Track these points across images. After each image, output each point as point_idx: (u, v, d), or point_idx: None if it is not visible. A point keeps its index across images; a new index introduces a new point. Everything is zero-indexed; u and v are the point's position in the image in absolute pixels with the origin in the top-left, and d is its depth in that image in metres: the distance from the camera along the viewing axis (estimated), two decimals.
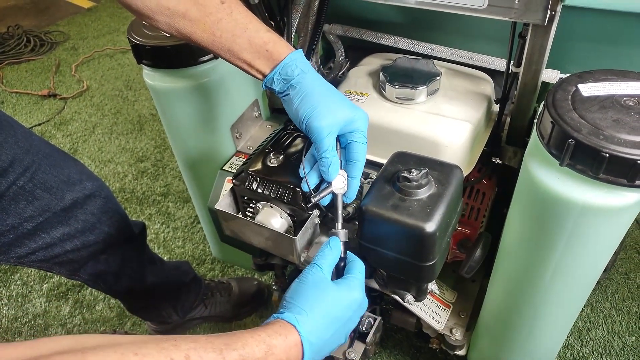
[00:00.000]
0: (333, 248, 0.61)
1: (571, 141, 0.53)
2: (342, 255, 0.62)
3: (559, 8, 0.58)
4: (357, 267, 0.61)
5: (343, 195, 0.65)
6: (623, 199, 0.55)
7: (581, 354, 1.14)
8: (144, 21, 0.65)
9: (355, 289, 0.58)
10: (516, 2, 0.57)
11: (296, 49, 0.94)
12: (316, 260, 0.59)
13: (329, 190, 0.64)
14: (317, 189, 0.66)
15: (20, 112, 2.17)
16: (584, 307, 1.23)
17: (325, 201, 0.65)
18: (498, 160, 0.86)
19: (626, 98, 0.57)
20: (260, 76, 0.65)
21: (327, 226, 0.68)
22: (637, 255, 1.35)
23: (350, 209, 0.72)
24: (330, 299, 0.56)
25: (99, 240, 0.90)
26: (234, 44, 0.63)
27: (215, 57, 0.83)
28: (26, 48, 2.61)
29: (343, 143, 0.65)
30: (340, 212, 0.64)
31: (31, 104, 2.23)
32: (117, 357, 0.42)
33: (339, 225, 0.64)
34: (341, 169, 0.64)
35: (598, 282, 1.24)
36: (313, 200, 0.64)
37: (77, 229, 0.85)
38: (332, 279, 0.59)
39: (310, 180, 0.65)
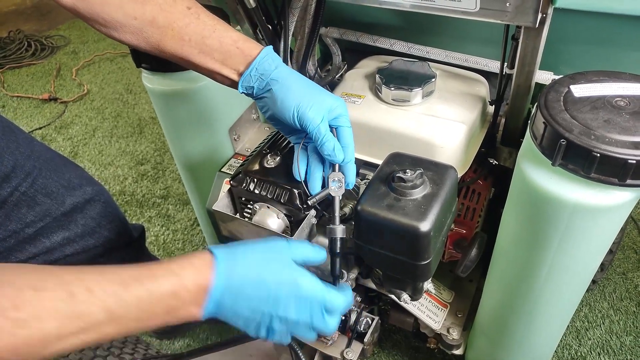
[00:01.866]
0: (317, 249, 0.58)
1: (563, 141, 0.54)
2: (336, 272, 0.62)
3: (549, 10, 0.59)
4: (339, 292, 0.57)
5: (339, 197, 0.65)
6: (614, 198, 0.56)
7: (579, 354, 1.14)
8: (110, 36, 0.64)
9: (307, 277, 0.54)
10: (507, 5, 0.58)
11: (292, 52, 0.95)
12: (291, 240, 0.57)
13: (325, 192, 0.64)
14: (323, 184, 0.66)
15: (21, 116, 2.18)
16: (582, 306, 1.24)
17: (316, 187, 0.65)
18: (494, 161, 0.87)
19: (617, 99, 0.58)
20: (235, 76, 0.64)
21: (323, 227, 0.69)
22: (634, 255, 1.35)
23: (347, 210, 0.72)
24: (272, 261, 0.52)
25: (98, 245, 0.90)
26: (204, 45, 0.62)
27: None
28: (27, 52, 2.62)
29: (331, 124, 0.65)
30: (337, 213, 0.65)
31: (32, 107, 2.24)
32: (13, 293, 0.41)
33: (337, 224, 0.64)
34: (335, 171, 0.65)
35: (596, 282, 1.25)
36: (310, 203, 0.65)
37: (77, 233, 0.85)
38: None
39: (313, 182, 0.65)
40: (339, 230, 0.64)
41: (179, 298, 0.48)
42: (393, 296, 0.78)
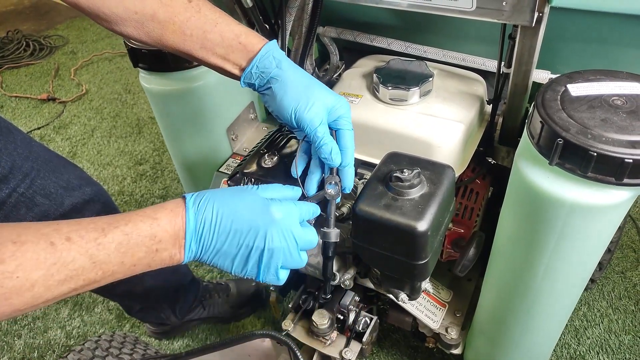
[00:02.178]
0: (288, 187, 0.59)
1: (560, 140, 0.54)
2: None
3: (546, 10, 0.59)
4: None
5: (336, 199, 0.65)
6: (611, 197, 0.56)
7: (578, 353, 1.15)
8: (113, 30, 0.63)
9: (276, 203, 0.54)
10: (504, 4, 0.58)
11: (291, 51, 0.95)
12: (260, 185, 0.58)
13: (320, 194, 0.64)
14: (321, 186, 0.66)
15: (19, 116, 2.18)
16: (581, 305, 1.24)
17: (308, 189, 0.65)
18: (492, 160, 0.87)
19: (614, 98, 0.58)
20: (237, 71, 0.63)
21: (320, 226, 0.69)
22: (633, 254, 1.35)
23: (344, 209, 0.72)
24: (243, 196, 0.53)
25: None
26: (206, 40, 0.61)
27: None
28: (25, 52, 2.62)
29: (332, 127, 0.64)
30: (332, 217, 0.64)
31: (30, 107, 2.24)
32: None
33: (331, 227, 0.64)
34: (332, 174, 0.64)
35: (594, 281, 1.25)
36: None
37: None
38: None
39: (310, 183, 0.65)
40: (333, 234, 0.64)
41: (157, 240, 0.49)
42: (391, 296, 0.78)
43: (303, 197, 0.66)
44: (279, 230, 0.53)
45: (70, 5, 0.61)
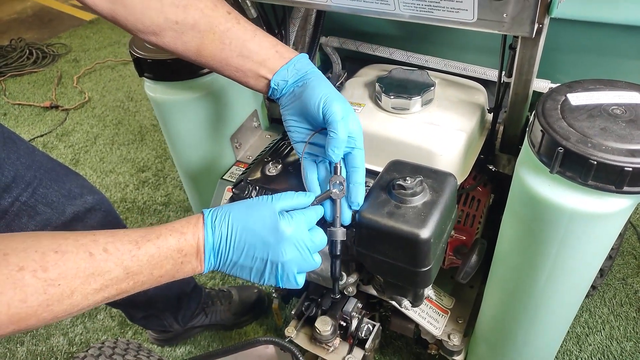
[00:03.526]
0: (301, 194, 0.61)
1: (560, 149, 0.55)
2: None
3: (546, 21, 0.60)
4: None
5: (341, 199, 0.66)
6: (612, 204, 0.56)
7: (579, 359, 1.15)
8: (147, 40, 0.66)
9: (284, 220, 0.57)
10: (504, 15, 0.59)
11: None
12: (274, 194, 0.60)
13: (326, 194, 0.65)
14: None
15: (22, 124, 2.20)
16: (582, 312, 1.24)
17: (327, 214, 0.66)
18: (493, 168, 0.88)
19: (614, 107, 0.59)
20: (270, 74, 0.66)
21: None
22: (634, 261, 1.36)
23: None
24: (255, 211, 0.56)
25: None
26: (244, 48, 0.65)
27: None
28: (28, 60, 2.64)
29: (344, 152, 0.65)
30: (339, 217, 0.65)
31: (33, 115, 2.25)
32: (38, 256, 0.45)
33: (337, 226, 0.65)
34: (337, 174, 0.65)
35: (595, 288, 1.25)
36: (311, 205, 0.65)
37: None
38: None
39: (311, 181, 0.66)
40: (340, 233, 0.64)
41: (183, 253, 0.54)
42: (394, 302, 0.79)
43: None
44: (290, 244, 0.57)
45: (106, 18, 0.64)
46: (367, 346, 0.84)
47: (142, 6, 0.62)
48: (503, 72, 0.76)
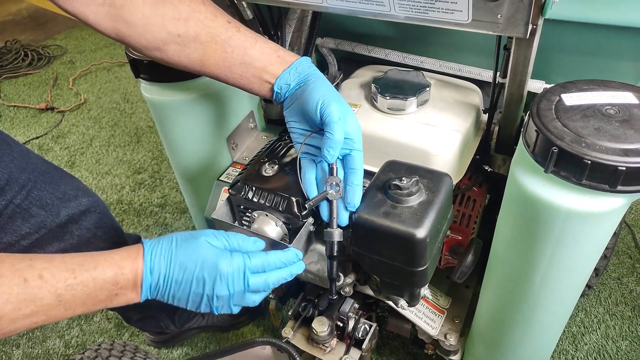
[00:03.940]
0: (252, 241, 0.62)
1: (555, 149, 0.55)
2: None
3: (540, 22, 0.60)
4: (261, 257, 0.60)
5: (337, 200, 0.66)
6: (606, 204, 0.57)
7: (575, 359, 1.15)
8: (151, 56, 0.67)
9: (224, 258, 0.57)
10: (499, 16, 0.60)
11: None
12: (225, 232, 0.61)
13: (322, 196, 0.65)
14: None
15: (18, 126, 2.19)
16: (578, 311, 1.24)
17: (324, 214, 0.66)
18: (488, 169, 0.89)
19: (607, 107, 0.60)
20: (272, 79, 0.67)
21: (321, 234, 0.70)
22: (629, 260, 1.36)
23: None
24: (194, 249, 0.57)
25: None
26: (247, 55, 0.66)
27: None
28: (24, 62, 2.63)
29: (341, 154, 0.66)
30: (335, 218, 0.65)
31: (29, 117, 2.25)
32: None
33: (334, 227, 0.65)
34: (333, 175, 0.65)
35: (591, 287, 1.26)
36: (307, 206, 0.66)
37: (72, 244, 0.85)
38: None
39: (308, 184, 0.66)
40: (336, 233, 0.65)
41: (119, 286, 0.54)
42: (391, 302, 0.79)
43: (305, 200, 0.67)
44: (223, 283, 0.57)
45: (110, 36, 0.65)
46: (364, 346, 0.84)
47: (144, 22, 0.63)
48: (498, 73, 0.76)
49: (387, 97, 0.81)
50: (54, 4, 0.62)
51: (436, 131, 0.79)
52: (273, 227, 0.71)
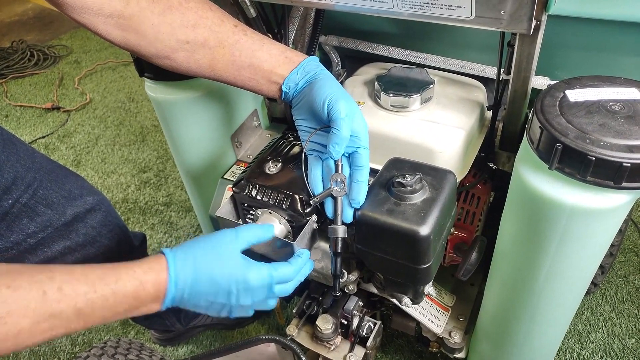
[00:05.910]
0: (264, 229, 0.63)
1: (559, 145, 0.55)
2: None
3: (543, 18, 0.60)
4: (285, 267, 0.61)
5: (342, 197, 0.66)
6: (610, 200, 0.57)
7: (581, 357, 1.15)
8: (160, 64, 0.68)
9: (253, 271, 0.58)
10: (502, 12, 0.59)
11: None
12: (239, 227, 0.61)
13: (327, 192, 0.65)
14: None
15: (24, 125, 2.20)
16: (584, 309, 1.24)
17: (329, 211, 0.67)
18: (493, 166, 0.88)
19: (612, 103, 0.59)
20: (281, 79, 0.68)
21: (325, 231, 0.70)
22: (635, 258, 1.35)
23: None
24: (220, 260, 0.57)
25: (99, 254, 0.91)
26: (254, 57, 0.67)
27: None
28: (30, 62, 2.65)
29: (347, 151, 0.66)
30: (339, 214, 0.65)
31: (35, 117, 2.26)
32: None
33: (338, 224, 0.65)
34: (338, 172, 0.66)
35: (597, 285, 1.25)
36: (312, 202, 0.66)
37: (77, 243, 0.86)
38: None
39: (314, 181, 0.67)
40: (341, 230, 0.65)
41: (140, 300, 0.54)
42: (395, 300, 0.79)
43: (310, 197, 0.67)
44: (249, 293, 0.59)
45: (119, 45, 0.66)
46: (368, 344, 0.84)
47: (153, 31, 0.64)
48: (502, 70, 0.76)
49: (391, 95, 0.81)
50: (64, 14, 0.62)
51: (440, 128, 0.79)
52: (277, 225, 0.71)
